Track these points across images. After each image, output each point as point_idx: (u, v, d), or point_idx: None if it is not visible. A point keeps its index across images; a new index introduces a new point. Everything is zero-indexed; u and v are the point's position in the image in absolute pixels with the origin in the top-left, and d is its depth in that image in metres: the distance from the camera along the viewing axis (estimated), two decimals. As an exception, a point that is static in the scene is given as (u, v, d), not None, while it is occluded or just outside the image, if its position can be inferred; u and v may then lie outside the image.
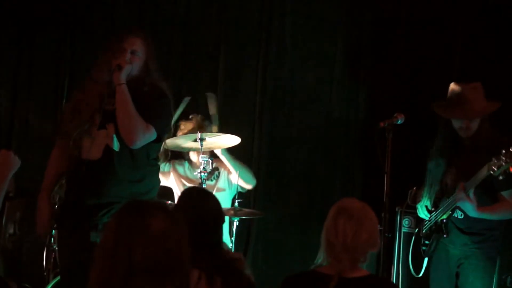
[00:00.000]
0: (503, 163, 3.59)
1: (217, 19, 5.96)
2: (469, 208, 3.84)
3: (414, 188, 4.45)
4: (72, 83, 6.01)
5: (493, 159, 3.64)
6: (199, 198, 3.04)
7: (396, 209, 4.85)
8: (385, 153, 3.86)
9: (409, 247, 4.45)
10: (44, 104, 6.05)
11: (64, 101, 5.92)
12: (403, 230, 4.85)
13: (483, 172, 3.72)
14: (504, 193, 3.90)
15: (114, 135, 3.63)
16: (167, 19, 6.02)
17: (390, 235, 4.10)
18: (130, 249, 1.95)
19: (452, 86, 4.04)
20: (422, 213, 4.24)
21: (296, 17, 5.85)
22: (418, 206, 4.27)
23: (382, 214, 3.88)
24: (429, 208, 4.19)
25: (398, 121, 3.96)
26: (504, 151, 3.58)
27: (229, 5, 5.95)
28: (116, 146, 3.62)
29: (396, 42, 5.60)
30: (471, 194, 3.82)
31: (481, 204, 3.87)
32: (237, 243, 4.93)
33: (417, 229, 4.36)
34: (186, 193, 3.15)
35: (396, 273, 4.74)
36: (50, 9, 5.98)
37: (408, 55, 5.51)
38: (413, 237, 4.37)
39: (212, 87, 5.95)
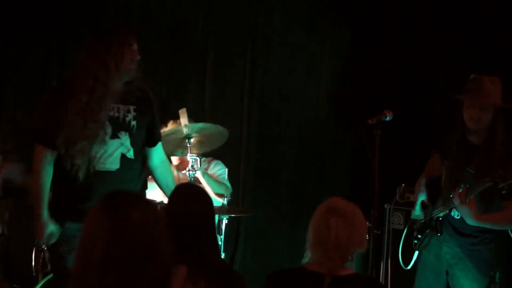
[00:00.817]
0: (508, 178, 3.50)
1: (205, 16, 5.96)
2: (466, 214, 3.75)
3: (403, 185, 4.46)
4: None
5: (499, 170, 3.54)
6: (190, 194, 3.03)
7: (385, 206, 4.86)
8: (374, 150, 3.86)
9: (399, 244, 4.45)
10: (32, 102, 6.02)
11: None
12: (392, 227, 4.86)
13: (486, 182, 3.61)
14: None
15: (131, 145, 3.66)
16: (155, 17, 6.01)
17: (379, 232, 4.09)
18: (108, 241, 1.96)
19: (472, 76, 3.93)
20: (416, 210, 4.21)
21: (284, 13, 5.84)
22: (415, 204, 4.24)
23: (371, 211, 3.88)
24: (426, 203, 4.17)
25: (386, 118, 3.95)
26: (510, 171, 3.50)
27: (217, 1, 5.95)
28: (132, 154, 3.65)
29: (385, 39, 5.60)
30: (468, 199, 3.71)
31: (484, 210, 3.78)
32: (226, 241, 4.92)
33: (410, 221, 4.35)
34: (178, 189, 3.13)
35: (385, 270, 4.75)
36: (38, 7, 5.96)
37: (397, 52, 5.50)
38: (405, 229, 4.36)
39: (200, 85, 5.96)
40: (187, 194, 3.03)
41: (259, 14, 5.89)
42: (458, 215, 3.93)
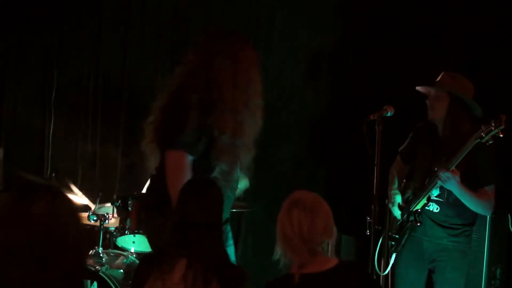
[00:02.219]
0: (493, 128, 3.58)
1: (205, 12, 5.95)
2: (453, 183, 3.80)
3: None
4: (60, 76, 5.99)
5: (482, 126, 3.64)
6: (202, 191, 3.04)
7: (386, 201, 4.87)
8: (375, 146, 3.87)
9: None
10: (33, 98, 6.03)
11: (53, 94, 5.91)
12: (393, 222, 4.86)
13: (469, 143, 3.69)
14: (487, 188, 3.92)
15: None
16: (155, 12, 6.00)
17: (380, 228, 4.10)
18: (12, 228, 1.96)
19: None
20: (397, 212, 4.23)
21: (285, 10, 5.84)
22: (393, 208, 4.26)
23: (372, 206, 3.89)
24: (401, 204, 4.20)
25: (387, 113, 3.96)
26: (493, 120, 3.59)
27: (218, -2, 5.96)
28: None
29: (384, 36, 5.59)
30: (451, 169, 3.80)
31: None
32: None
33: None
34: (190, 183, 3.13)
35: (385, 264, 4.76)
36: (37, 2, 5.96)
37: (397, 49, 5.50)
38: (382, 234, 4.36)
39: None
40: (199, 191, 3.03)
41: (260, 11, 5.88)
42: (437, 208, 3.97)
